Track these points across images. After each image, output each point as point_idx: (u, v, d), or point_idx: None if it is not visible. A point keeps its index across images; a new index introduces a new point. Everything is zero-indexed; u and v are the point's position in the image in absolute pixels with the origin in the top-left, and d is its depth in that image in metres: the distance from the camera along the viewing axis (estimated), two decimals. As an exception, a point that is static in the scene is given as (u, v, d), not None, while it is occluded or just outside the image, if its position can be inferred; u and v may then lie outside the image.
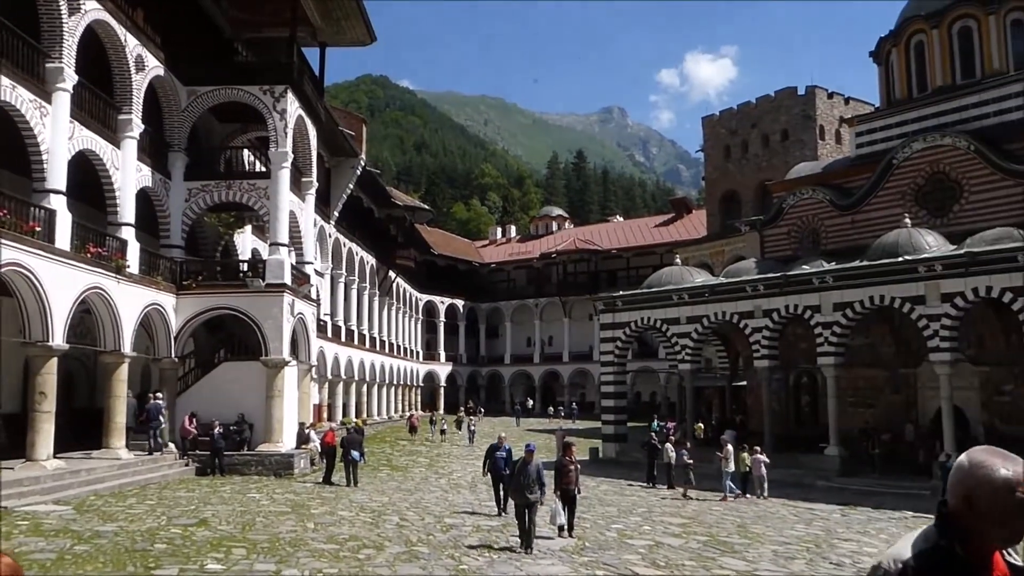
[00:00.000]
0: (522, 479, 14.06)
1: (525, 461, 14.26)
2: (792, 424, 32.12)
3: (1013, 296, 22.55)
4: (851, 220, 32.14)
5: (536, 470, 14.17)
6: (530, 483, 13.97)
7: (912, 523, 18.71)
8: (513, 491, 14.45)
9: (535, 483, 14.02)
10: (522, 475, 14.12)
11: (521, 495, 13.95)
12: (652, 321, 32.40)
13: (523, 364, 71.30)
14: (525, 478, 14.03)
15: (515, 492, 14.26)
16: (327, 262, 40.49)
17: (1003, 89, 29.54)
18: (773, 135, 52.04)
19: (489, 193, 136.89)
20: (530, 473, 14.08)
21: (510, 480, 14.71)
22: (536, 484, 14.01)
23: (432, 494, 22.03)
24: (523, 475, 14.10)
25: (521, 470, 14.25)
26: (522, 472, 14.18)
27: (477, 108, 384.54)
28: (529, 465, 14.19)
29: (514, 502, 14.40)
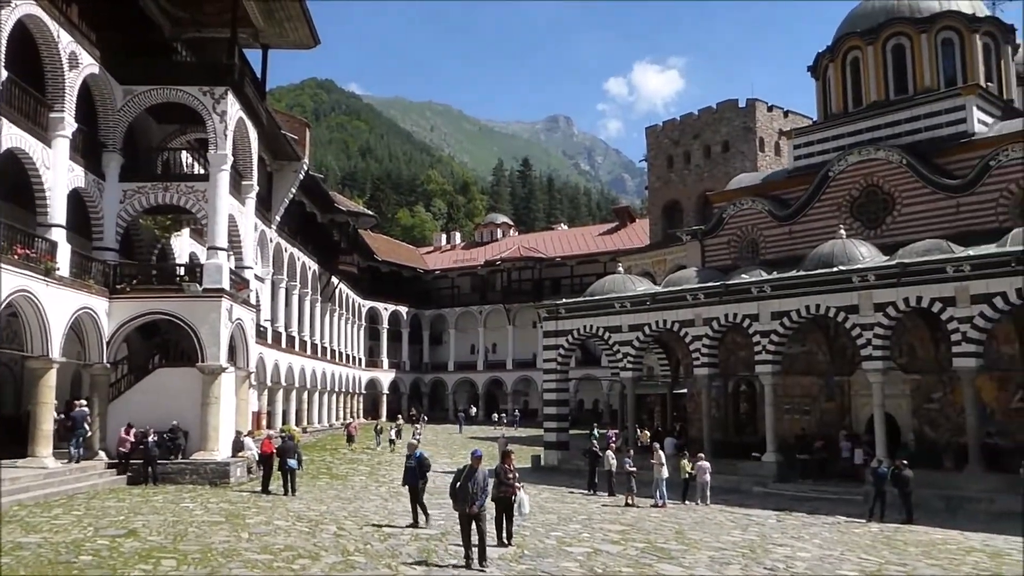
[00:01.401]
0: (468, 488, 13.32)
1: (472, 468, 13.51)
2: (731, 431, 32.57)
3: (942, 306, 23.22)
4: (789, 231, 32.79)
5: (483, 478, 13.52)
6: (476, 492, 13.29)
7: (844, 528, 19.11)
8: (459, 501, 13.52)
9: (481, 492, 13.39)
10: (469, 483, 13.37)
11: (467, 505, 13.30)
12: (595, 329, 32.58)
13: (467, 371, 71.13)
14: (472, 487, 13.31)
15: (460, 502, 13.43)
16: (268, 267, 39.86)
17: (934, 105, 30.47)
18: (715, 146, 52.90)
19: (434, 200, 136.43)
20: (477, 481, 13.40)
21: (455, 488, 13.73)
22: (482, 494, 13.39)
23: (372, 503, 21.79)
24: (470, 483, 13.36)
25: (468, 478, 13.44)
26: (469, 480, 13.41)
27: (424, 114, 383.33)
28: (476, 474, 13.47)
29: (458, 512, 13.66)
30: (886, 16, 32.96)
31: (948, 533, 18.34)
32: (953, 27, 31.95)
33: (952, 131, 29.78)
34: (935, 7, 32.36)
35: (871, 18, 33.50)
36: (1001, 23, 33.15)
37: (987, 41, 32.37)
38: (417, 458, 17.44)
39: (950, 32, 32.00)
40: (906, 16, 32.50)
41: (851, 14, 34.98)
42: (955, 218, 28.18)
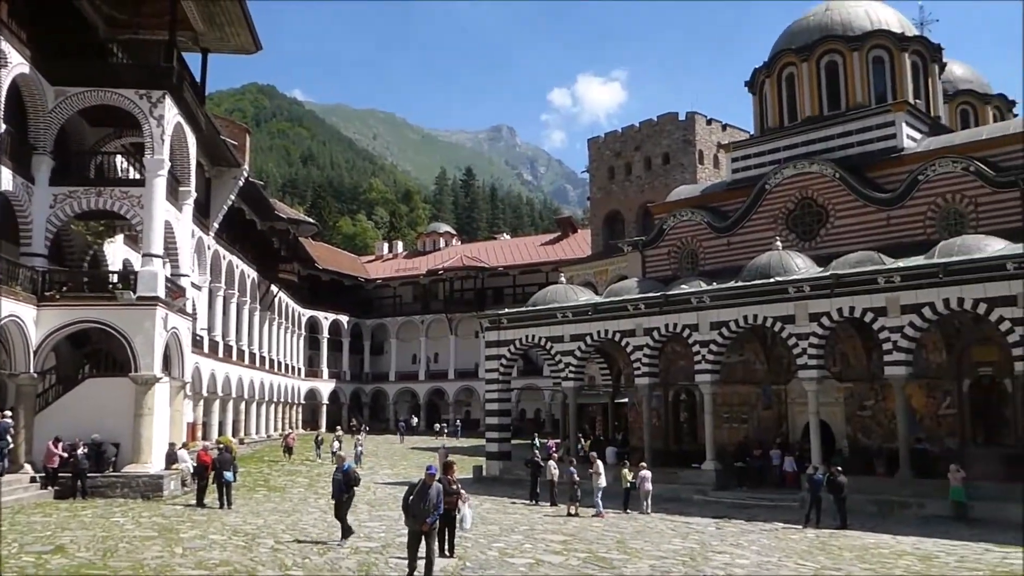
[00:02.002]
0: (421, 504, 12.97)
1: (424, 484, 13.14)
2: (671, 440, 32.93)
3: (874, 316, 23.86)
4: (727, 242, 33.36)
5: (436, 494, 13.15)
6: (428, 508, 12.94)
7: (782, 534, 19.44)
8: (409, 517, 13.14)
9: (433, 508, 13.03)
10: (421, 499, 13.03)
11: (417, 521, 12.95)
12: (537, 339, 32.65)
13: (408, 381, 70.65)
14: (424, 502, 12.97)
15: (412, 519, 13.05)
16: (205, 275, 39.06)
17: (865, 121, 31.35)
18: (655, 158, 53.59)
19: (376, 208, 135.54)
20: (429, 497, 13.03)
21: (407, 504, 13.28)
22: (434, 510, 13.02)
23: (311, 515, 21.42)
24: (422, 499, 13.02)
25: (420, 494, 13.09)
26: (421, 496, 13.06)
27: (366, 122, 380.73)
28: (429, 488, 13.12)
29: (408, 528, 13.27)
30: (820, 34, 33.86)
31: (880, 537, 18.79)
32: (883, 46, 32.95)
33: (883, 146, 30.68)
34: (866, 26, 33.35)
35: (806, 35, 34.36)
36: (928, 42, 34.30)
37: (915, 60, 33.46)
38: (344, 471, 16.88)
39: (880, 50, 32.99)
40: (839, 34, 33.42)
41: (787, 31, 35.84)
42: (886, 230, 29.01)
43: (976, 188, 27.23)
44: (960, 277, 22.30)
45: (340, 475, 16.76)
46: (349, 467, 17.27)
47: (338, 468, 17.10)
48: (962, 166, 27.56)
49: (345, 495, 16.74)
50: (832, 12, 34.56)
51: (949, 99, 38.00)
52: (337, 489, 16.77)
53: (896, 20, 34.11)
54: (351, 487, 16.91)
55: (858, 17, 33.85)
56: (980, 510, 21.10)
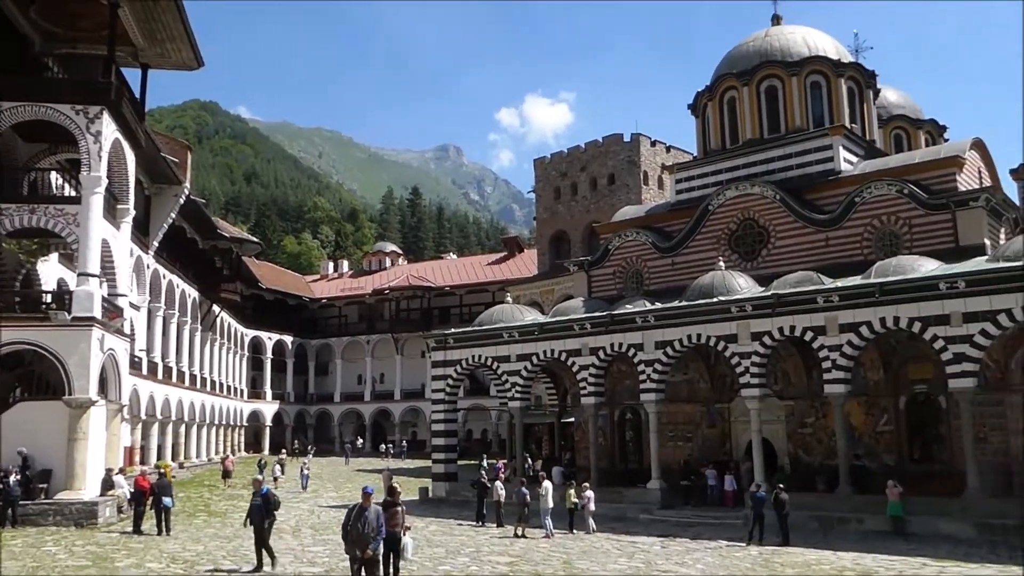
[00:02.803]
0: (360, 528, 12.28)
1: (362, 507, 12.46)
2: (617, 459, 33.05)
3: (813, 335, 24.34)
4: (671, 262, 33.76)
5: (376, 517, 12.46)
6: (368, 532, 12.23)
7: (726, 552, 19.61)
8: (347, 543, 12.49)
9: (374, 533, 12.31)
10: (359, 523, 12.32)
11: (359, 547, 12.25)
12: (483, 359, 32.57)
13: (354, 402, 69.85)
14: (363, 526, 12.27)
15: (350, 545, 12.42)
16: (144, 294, 38.17)
17: (804, 144, 32.12)
18: (601, 179, 54.10)
19: (321, 227, 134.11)
20: (368, 521, 12.31)
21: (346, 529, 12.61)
22: (376, 534, 12.34)
23: (251, 541, 20.91)
24: (360, 523, 12.31)
25: (357, 517, 12.38)
26: (359, 520, 12.34)
27: (312, 140, 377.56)
28: (367, 511, 12.40)
29: (348, 555, 12.61)
30: (760, 59, 34.65)
31: (822, 553, 19.08)
32: (821, 71, 33.85)
33: (821, 169, 31.44)
34: (804, 52, 34.24)
35: (746, 60, 35.14)
36: (864, 69, 35.35)
37: (851, 85, 34.44)
38: (263, 495, 16.26)
39: (818, 76, 33.88)
40: (778, 60, 34.25)
41: (728, 56, 36.60)
42: (825, 251, 29.67)
43: (910, 210, 28.05)
44: (895, 297, 22.90)
45: (259, 500, 16.18)
46: (268, 491, 16.66)
47: (256, 492, 16.47)
48: (896, 189, 28.38)
49: (267, 520, 16.20)
50: (771, 38, 35.43)
51: (883, 124, 39.15)
52: (257, 515, 16.13)
53: (832, 47, 35.09)
54: (272, 512, 16.37)
55: (796, 43, 34.75)
56: (917, 525, 21.58)
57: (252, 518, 16.37)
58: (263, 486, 16.83)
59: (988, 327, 21.34)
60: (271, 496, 16.53)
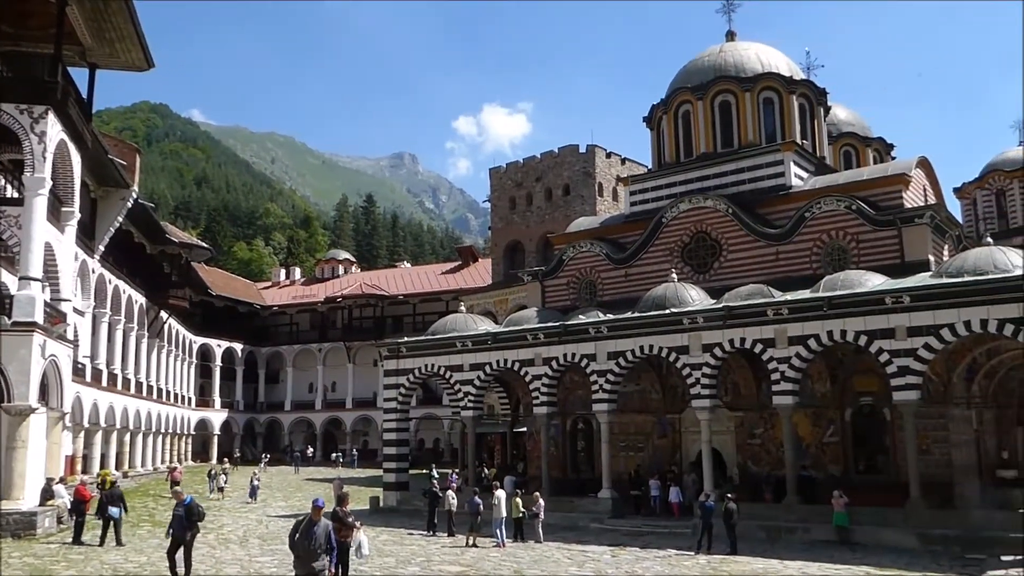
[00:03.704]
0: (307, 543, 11.43)
1: (311, 520, 11.61)
2: (569, 468, 33.13)
3: (763, 347, 24.70)
4: (625, 273, 34.02)
5: (325, 531, 11.64)
6: (317, 548, 11.41)
7: (675, 561, 19.74)
8: (295, 559, 11.67)
9: (323, 548, 11.50)
10: (307, 538, 11.47)
11: (304, 564, 11.43)
12: (436, 368, 32.43)
13: (304, 411, 69.03)
14: (310, 541, 11.43)
15: (297, 560, 11.58)
16: (89, 300, 37.26)
17: (756, 159, 32.67)
18: (556, 189, 54.34)
19: (274, 233, 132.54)
20: (316, 535, 11.48)
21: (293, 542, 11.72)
22: (324, 550, 11.52)
23: (197, 551, 20.44)
24: (308, 538, 11.47)
25: (305, 531, 11.54)
26: (307, 534, 11.50)
27: (264, 145, 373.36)
28: (316, 526, 11.57)
29: (296, 573, 11.71)
30: (714, 74, 35.19)
31: (769, 562, 19.31)
32: (773, 88, 34.49)
33: (772, 183, 32.00)
34: (757, 68, 34.85)
35: (701, 75, 35.65)
36: (815, 86, 36.11)
37: (803, 102, 35.14)
38: (186, 505, 15.64)
39: (771, 92, 34.52)
40: (732, 75, 34.81)
41: (683, 70, 37.10)
42: (775, 264, 30.17)
43: (858, 226, 28.67)
44: (843, 310, 23.35)
45: (182, 510, 15.57)
46: (191, 501, 16.05)
47: (179, 503, 15.85)
48: (845, 205, 28.99)
49: (190, 533, 15.62)
50: (726, 54, 36.01)
51: (833, 140, 40.03)
52: (179, 526, 15.50)
53: (785, 64, 35.78)
54: (195, 523, 15.84)
55: (750, 59, 35.36)
56: (861, 534, 21.98)
57: (173, 529, 15.68)
58: (186, 496, 16.22)
59: (931, 341, 21.87)
60: (195, 507, 15.92)
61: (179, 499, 16.00)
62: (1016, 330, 20.68)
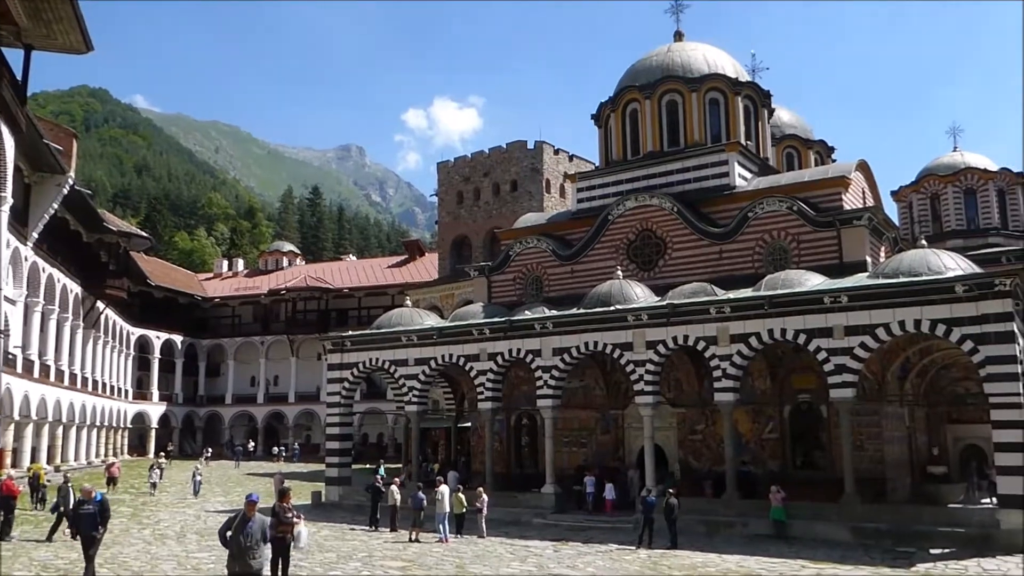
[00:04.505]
0: (241, 540, 11.13)
1: (245, 516, 11.33)
2: (512, 464, 33.20)
3: (706, 344, 25.03)
4: (571, 270, 34.17)
5: (260, 528, 11.40)
6: (252, 545, 11.15)
7: (616, 555, 19.91)
8: (229, 557, 11.33)
9: (258, 545, 11.26)
10: (241, 535, 11.17)
11: (239, 562, 11.11)
12: (381, 362, 32.19)
13: (246, 404, 68.08)
14: (245, 538, 11.14)
15: (231, 559, 11.25)
16: (21, 288, 36.13)
17: (702, 159, 33.06)
18: (504, 185, 54.39)
19: (216, 224, 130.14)
20: (252, 532, 11.21)
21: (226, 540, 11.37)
22: (259, 547, 11.30)
23: (132, 547, 20.09)
24: (242, 535, 11.16)
25: (239, 528, 11.23)
26: (241, 531, 11.19)
27: (208, 134, 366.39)
28: (251, 522, 11.28)
29: (229, 572, 11.36)
30: (662, 73, 35.50)
31: (708, 556, 19.61)
32: (719, 88, 34.93)
33: (717, 183, 32.43)
34: (704, 69, 35.25)
35: (649, 74, 35.94)
36: (759, 88, 36.68)
37: (747, 103, 35.66)
38: (98, 502, 14.90)
39: (716, 93, 34.95)
40: (679, 75, 35.16)
41: (632, 69, 37.35)
42: (718, 263, 30.59)
43: (799, 226, 29.22)
44: (783, 309, 23.78)
45: (93, 507, 14.80)
46: (103, 497, 15.36)
47: (84, 500, 15.03)
48: (787, 206, 29.52)
49: (99, 530, 14.83)
50: (673, 54, 36.35)
51: (776, 142, 40.73)
52: (89, 524, 14.67)
53: (731, 65, 36.26)
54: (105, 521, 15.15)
55: (696, 60, 35.75)
56: (797, 528, 22.43)
57: (81, 527, 14.79)
58: (96, 492, 15.48)
59: (867, 340, 22.40)
60: (107, 504, 15.26)
61: (88, 496, 15.09)
62: (947, 330, 21.32)
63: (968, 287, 21.17)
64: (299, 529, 14.58)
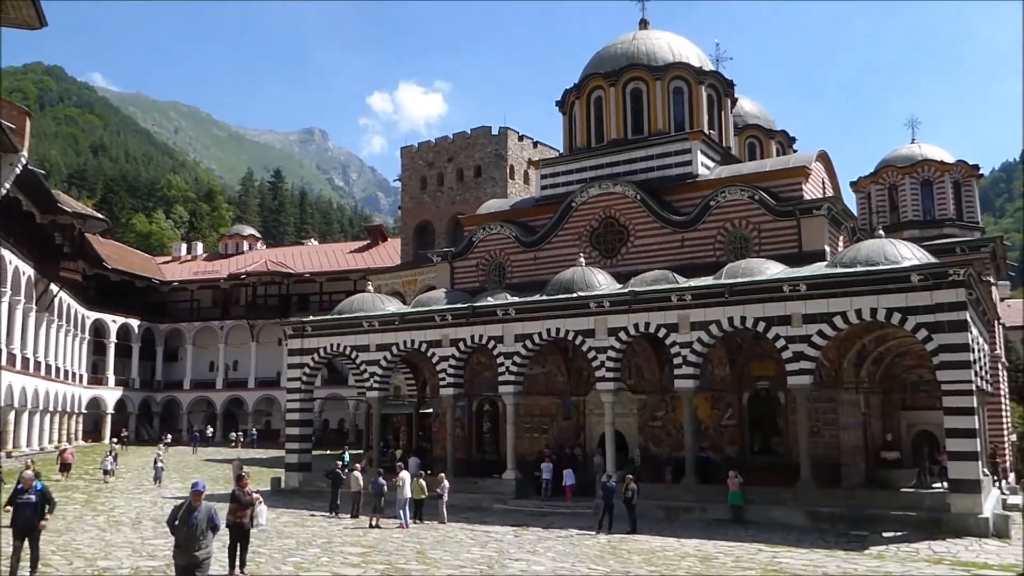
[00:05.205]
0: (186, 531, 10.84)
1: (191, 506, 10.99)
2: (474, 450, 33.22)
3: (667, 332, 25.22)
4: (534, 256, 34.17)
5: (207, 517, 11.06)
6: (197, 536, 10.83)
7: (576, 541, 20.04)
8: (175, 547, 11.06)
9: (204, 535, 10.94)
10: (186, 525, 10.87)
11: (185, 553, 10.80)
12: (342, 348, 31.97)
13: (205, 390, 67.26)
14: (190, 529, 10.83)
15: (177, 550, 10.97)
16: (-29, 270, 35.28)
17: (665, 147, 33.19)
18: (467, 170, 54.20)
19: (175, 206, 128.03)
20: (197, 522, 10.89)
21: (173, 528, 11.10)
22: (205, 537, 10.98)
23: (86, 534, 19.78)
24: (188, 525, 10.86)
25: (185, 518, 10.91)
26: (186, 521, 10.88)
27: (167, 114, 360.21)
28: (196, 512, 10.94)
29: (175, 563, 11.10)
30: (627, 61, 35.52)
31: (667, 541, 19.83)
32: (683, 77, 35.05)
33: (679, 172, 32.59)
34: (668, 58, 35.34)
35: (614, 61, 35.95)
36: (723, 78, 36.87)
37: (711, 93, 35.84)
38: (39, 491, 14.01)
39: (680, 82, 35.07)
40: (644, 63, 35.21)
41: (597, 56, 37.32)
42: (680, 251, 30.77)
43: (760, 215, 29.50)
44: (743, 297, 24.03)
45: (34, 497, 13.87)
46: (43, 487, 14.45)
47: (25, 489, 14.03)
48: (748, 195, 29.77)
49: (42, 521, 13.98)
50: (638, 42, 36.39)
51: (739, 132, 41.02)
52: (30, 515, 13.73)
53: (695, 54, 36.40)
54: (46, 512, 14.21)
55: (661, 49, 35.83)
56: (754, 513, 22.77)
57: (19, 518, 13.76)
58: (35, 482, 14.47)
59: (825, 328, 22.74)
60: (48, 494, 14.41)
61: (28, 485, 14.20)
62: (902, 319, 21.71)
63: (923, 277, 21.57)
64: (259, 508, 14.44)
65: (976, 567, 16.71)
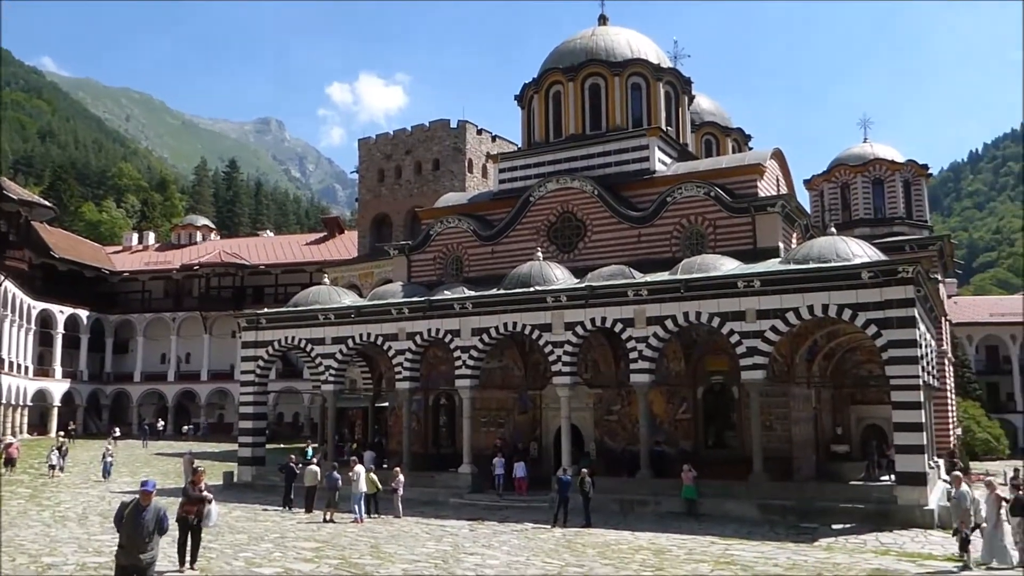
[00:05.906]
0: (132, 531, 10.23)
1: (139, 505, 10.40)
2: (430, 444, 33.12)
3: (623, 327, 25.37)
4: (491, 250, 34.12)
5: (155, 517, 10.44)
6: (143, 537, 10.23)
7: (531, 534, 20.09)
8: (119, 548, 10.45)
9: (151, 537, 10.35)
10: (133, 525, 10.25)
11: (129, 555, 10.19)
12: (297, 340, 31.62)
13: (156, 382, 66.03)
14: (137, 529, 10.22)
15: (120, 550, 10.37)
16: (-89, 258, 34.20)
17: (623, 143, 33.35)
18: (426, 163, 53.86)
19: (126, 195, 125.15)
20: (145, 523, 10.27)
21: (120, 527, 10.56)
22: (152, 539, 10.39)
23: (30, 530, 19.31)
24: (134, 525, 10.25)
25: (132, 518, 10.31)
26: (133, 521, 10.27)
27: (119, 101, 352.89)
28: (145, 512, 10.35)
29: (117, 564, 10.47)
30: (585, 56, 35.59)
31: (621, 534, 19.97)
32: (641, 73, 35.22)
33: (637, 167, 32.77)
34: (627, 54, 35.49)
35: (573, 56, 36.01)
36: (680, 75, 37.14)
37: (668, 89, 36.08)
38: None
39: (638, 78, 35.24)
40: (602, 59, 35.31)
41: (556, 51, 37.35)
42: (637, 246, 30.96)
43: (715, 212, 29.79)
44: (698, 293, 24.27)
45: None
46: None
47: None
48: (704, 191, 30.04)
49: None
50: (597, 37, 36.48)
51: (696, 129, 41.38)
52: None
53: (654, 51, 36.60)
54: None
55: (620, 45, 35.96)
56: (708, 506, 23.05)
57: None
58: None
59: (778, 324, 23.06)
60: None
61: None
62: (853, 315, 22.10)
63: (873, 274, 21.99)
64: (209, 507, 14.27)
65: (921, 557, 17.12)
